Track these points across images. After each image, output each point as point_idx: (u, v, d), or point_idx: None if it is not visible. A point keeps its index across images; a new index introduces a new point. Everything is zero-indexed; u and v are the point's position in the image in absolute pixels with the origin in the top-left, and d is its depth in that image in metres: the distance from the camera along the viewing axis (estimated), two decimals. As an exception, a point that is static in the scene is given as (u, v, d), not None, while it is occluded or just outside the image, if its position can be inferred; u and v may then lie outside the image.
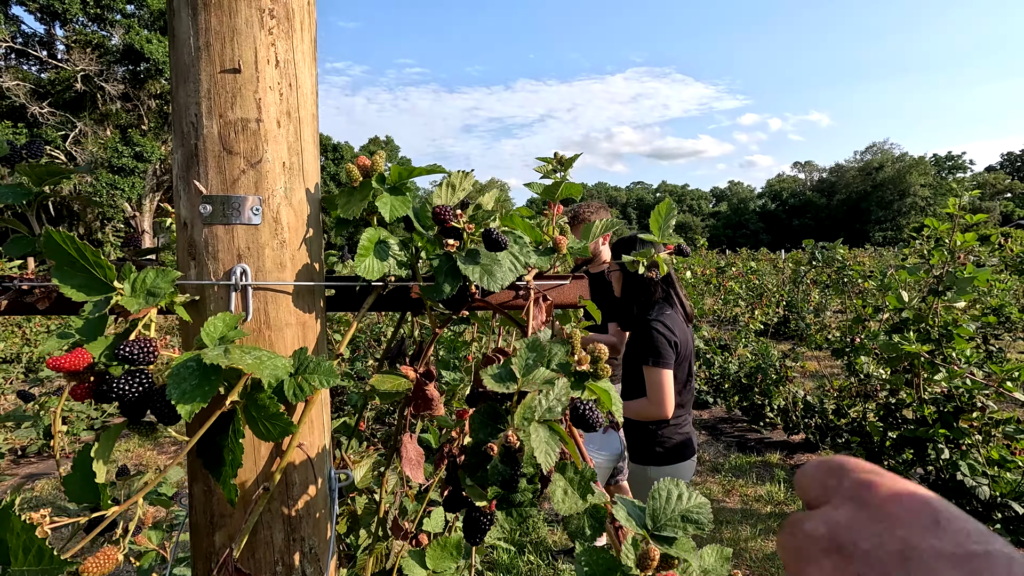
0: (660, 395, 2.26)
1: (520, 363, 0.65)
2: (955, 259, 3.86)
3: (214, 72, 0.74)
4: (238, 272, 0.75)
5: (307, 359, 0.75)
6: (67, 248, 0.64)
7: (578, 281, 1.08)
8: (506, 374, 0.65)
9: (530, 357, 0.66)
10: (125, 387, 0.64)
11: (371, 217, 0.84)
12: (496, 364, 0.67)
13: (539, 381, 0.62)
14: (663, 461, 2.37)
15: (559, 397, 0.62)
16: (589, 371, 0.67)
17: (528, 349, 0.66)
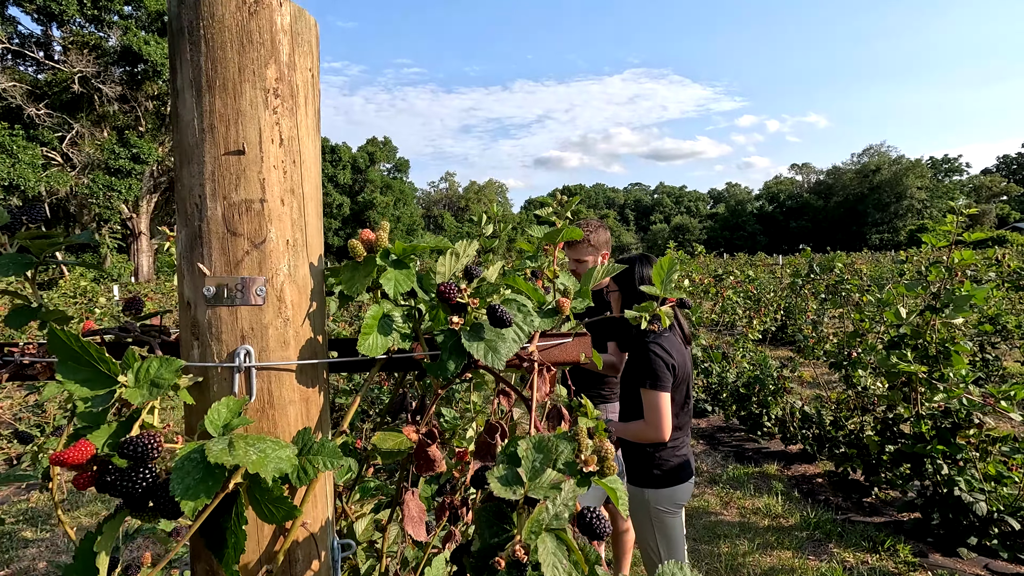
0: (658, 418, 2.27)
1: (526, 465, 0.65)
2: (953, 276, 3.87)
3: (218, 154, 0.74)
4: (242, 354, 0.75)
5: (310, 441, 0.75)
6: (71, 344, 0.63)
7: (580, 338, 1.08)
8: (512, 477, 0.65)
9: (536, 458, 0.65)
10: (128, 483, 0.63)
11: (375, 292, 0.84)
12: (502, 465, 0.66)
13: (546, 486, 0.62)
14: (661, 484, 2.38)
15: (566, 502, 0.62)
16: (595, 471, 0.67)
17: (535, 450, 0.66)
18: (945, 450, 3.87)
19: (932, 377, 3.88)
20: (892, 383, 4.15)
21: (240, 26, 0.75)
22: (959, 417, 3.86)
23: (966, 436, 3.85)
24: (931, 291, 3.96)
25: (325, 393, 0.86)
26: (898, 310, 4.03)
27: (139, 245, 31.84)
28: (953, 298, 3.80)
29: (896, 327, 4.15)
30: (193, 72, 0.74)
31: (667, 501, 2.38)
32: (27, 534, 4.60)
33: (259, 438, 0.68)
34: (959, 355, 3.81)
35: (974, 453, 3.85)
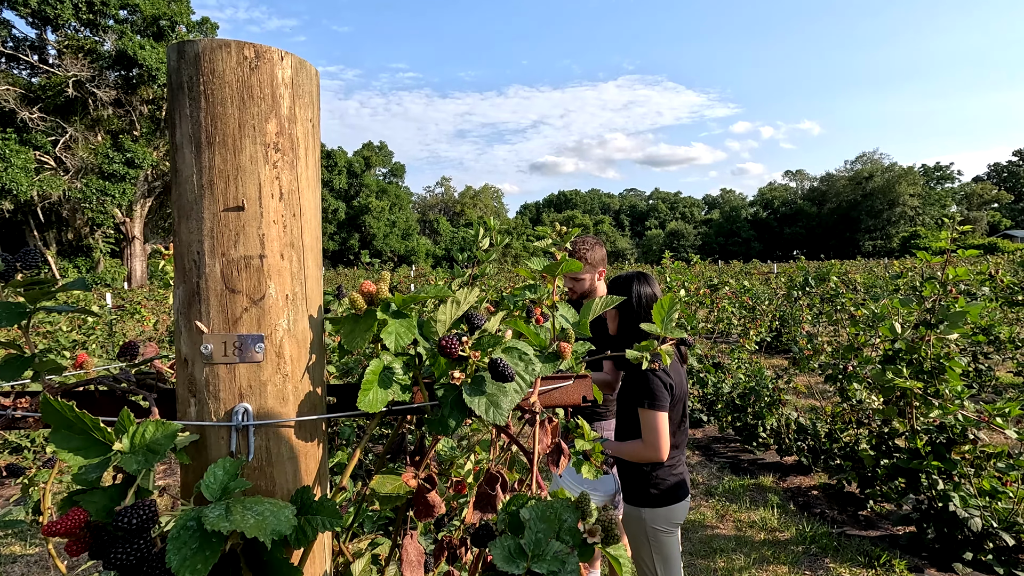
0: (655, 437, 2.27)
1: (529, 537, 0.64)
2: (947, 292, 3.90)
3: (217, 211, 0.73)
4: (240, 412, 0.74)
5: (310, 500, 0.74)
6: (64, 413, 0.62)
7: (581, 380, 1.07)
8: (515, 550, 0.64)
9: (540, 529, 0.65)
10: (123, 556, 0.62)
11: (375, 345, 0.83)
12: (506, 535, 0.66)
13: (549, 559, 0.61)
14: (658, 503, 2.37)
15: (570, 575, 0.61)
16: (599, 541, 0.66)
17: (539, 519, 0.65)
18: (940, 465, 3.88)
19: (927, 393, 3.90)
20: (888, 398, 4.16)
21: (241, 81, 0.74)
22: (954, 433, 3.87)
23: (961, 452, 3.86)
24: (925, 307, 3.98)
25: (324, 445, 0.85)
26: (893, 325, 4.05)
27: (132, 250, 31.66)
28: (948, 314, 3.83)
29: (891, 342, 4.17)
30: (192, 128, 0.73)
31: (664, 521, 2.38)
32: (15, 548, 4.54)
33: (257, 500, 0.66)
34: (954, 371, 3.83)
35: (969, 469, 3.86)
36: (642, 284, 2.54)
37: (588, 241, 3.24)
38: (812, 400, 7.02)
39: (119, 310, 10.12)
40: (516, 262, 42.11)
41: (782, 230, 72.47)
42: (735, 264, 21.15)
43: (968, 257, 3.73)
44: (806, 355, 5.77)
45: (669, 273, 6.75)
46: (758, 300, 8.41)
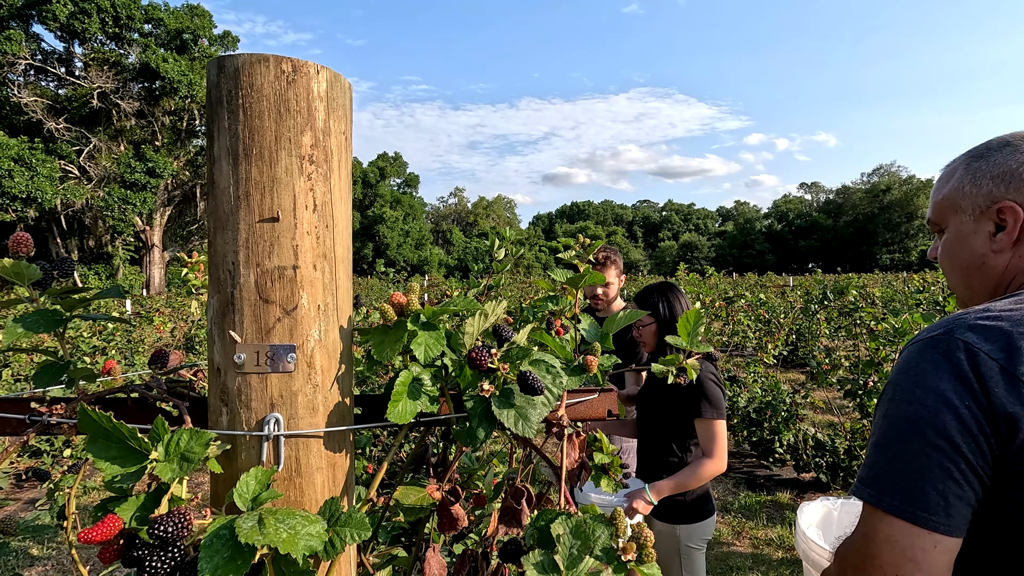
0: (721, 448, 2.18)
1: (563, 552, 0.63)
2: (971, 307, 3.81)
3: (252, 222, 0.74)
4: (271, 422, 0.74)
5: (338, 512, 0.74)
6: (101, 423, 0.63)
7: (607, 394, 1.06)
8: (549, 565, 0.63)
9: (574, 545, 0.64)
10: (156, 563, 0.62)
11: (405, 356, 0.83)
12: (538, 551, 0.65)
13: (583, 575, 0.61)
14: (693, 518, 2.31)
15: (605, 595, 0.60)
16: (633, 558, 0.65)
17: (572, 535, 0.65)
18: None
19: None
20: (909, 415, 4.07)
21: (278, 95, 0.75)
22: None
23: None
24: (949, 322, 3.90)
25: (351, 456, 0.85)
26: (915, 340, 3.97)
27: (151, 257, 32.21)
28: (972, 330, 3.74)
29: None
30: (230, 141, 0.74)
31: (697, 537, 2.33)
32: (34, 551, 4.59)
33: (289, 512, 0.66)
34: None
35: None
36: (673, 295, 2.48)
37: (608, 249, 3.24)
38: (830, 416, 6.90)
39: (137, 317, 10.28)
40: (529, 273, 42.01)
41: (797, 243, 71.78)
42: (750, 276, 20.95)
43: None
44: (824, 369, 5.68)
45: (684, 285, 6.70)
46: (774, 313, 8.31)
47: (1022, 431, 0.67)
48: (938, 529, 0.69)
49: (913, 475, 0.71)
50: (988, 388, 0.69)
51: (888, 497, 0.72)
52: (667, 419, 2.33)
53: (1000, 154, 0.88)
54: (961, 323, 0.76)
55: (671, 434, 2.33)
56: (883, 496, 0.73)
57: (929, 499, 0.70)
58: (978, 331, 0.73)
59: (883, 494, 0.73)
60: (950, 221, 0.94)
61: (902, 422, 0.74)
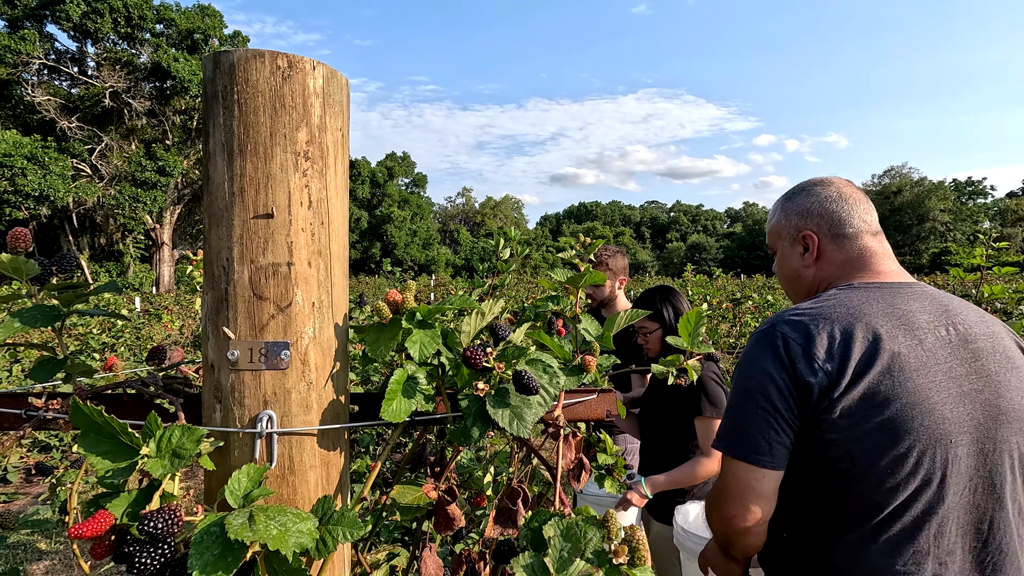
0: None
1: (553, 554, 0.62)
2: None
3: (247, 218, 0.74)
4: (264, 420, 0.74)
5: (330, 510, 0.73)
6: (93, 417, 0.63)
7: (605, 395, 1.05)
8: (539, 568, 0.62)
9: (564, 547, 0.63)
10: (146, 559, 0.62)
11: (400, 355, 0.83)
12: (528, 553, 0.64)
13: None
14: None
15: (595, 599, 0.59)
16: (625, 561, 0.64)
17: (563, 537, 0.64)
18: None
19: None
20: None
21: (273, 91, 0.75)
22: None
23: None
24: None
25: (346, 455, 0.85)
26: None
27: (161, 255, 32.49)
28: (982, 333, 3.69)
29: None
30: (225, 136, 0.74)
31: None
32: (41, 545, 4.63)
33: (280, 510, 0.66)
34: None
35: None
36: (677, 299, 2.47)
37: (610, 249, 3.21)
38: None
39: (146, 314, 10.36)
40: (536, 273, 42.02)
41: (807, 244, 71.12)
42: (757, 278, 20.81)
43: (1004, 275, 3.60)
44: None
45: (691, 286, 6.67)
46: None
47: (814, 394, 0.96)
48: (766, 465, 0.99)
49: (749, 429, 1.00)
50: (794, 364, 0.98)
51: (733, 447, 1.02)
52: (669, 419, 2.32)
53: (800, 196, 1.23)
54: (780, 319, 1.05)
55: (672, 434, 2.31)
56: (730, 446, 1.02)
57: (760, 445, 0.98)
58: (789, 324, 1.03)
59: (730, 445, 1.02)
60: (777, 246, 1.29)
61: (742, 393, 1.03)
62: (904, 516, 0.95)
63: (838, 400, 0.95)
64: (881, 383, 0.95)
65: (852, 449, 0.95)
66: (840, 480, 0.97)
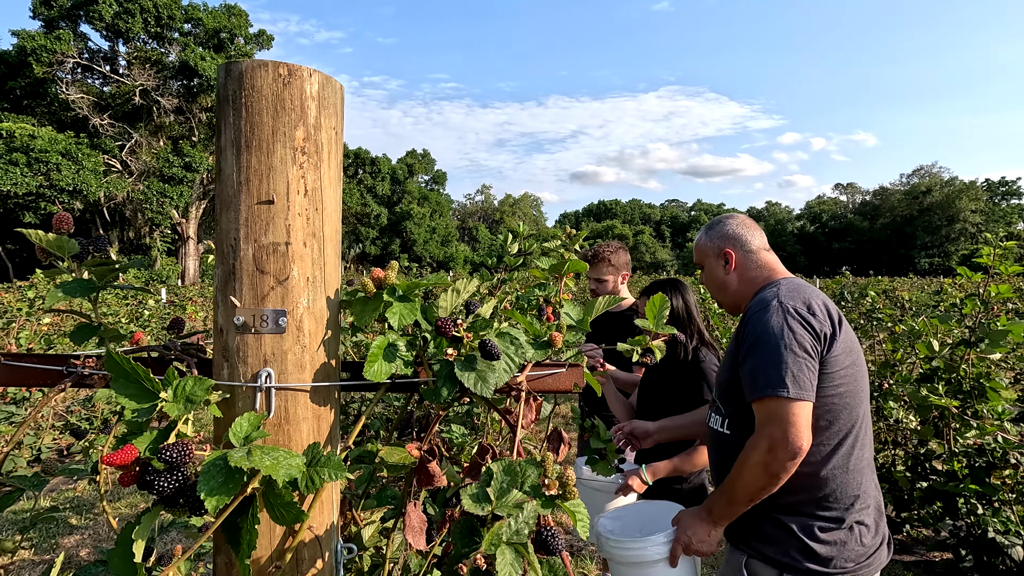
0: None
1: (495, 486, 0.74)
2: (989, 310, 3.77)
3: (252, 204, 0.87)
4: (263, 376, 0.87)
5: (319, 454, 0.86)
6: (123, 365, 0.76)
7: (574, 369, 1.16)
8: (482, 495, 0.74)
9: (505, 480, 0.74)
10: (164, 483, 0.75)
11: (382, 324, 0.95)
12: (474, 484, 0.76)
13: (510, 505, 0.71)
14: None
15: (527, 520, 0.70)
16: (558, 494, 0.75)
17: (504, 472, 0.75)
18: (978, 490, 3.73)
19: (965, 413, 3.77)
20: (924, 417, 4.04)
21: (275, 95, 0.87)
22: (994, 456, 3.73)
23: (1001, 476, 3.71)
24: (966, 324, 3.85)
25: (336, 411, 0.97)
26: (930, 342, 3.94)
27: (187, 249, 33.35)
28: (989, 332, 3.70)
29: (929, 360, 4.05)
30: (234, 134, 0.87)
31: None
32: (73, 521, 4.90)
33: (273, 448, 0.79)
34: (994, 391, 3.69)
35: (1010, 495, 3.70)
36: (679, 287, 2.54)
37: (612, 245, 3.31)
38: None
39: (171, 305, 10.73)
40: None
41: (830, 245, 69.90)
42: (777, 278, 20.52)
43: (1011, 274, 3.60)
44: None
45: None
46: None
47: (826, 340, 1.36)
48: (811, 399, 1.31)
49: (798, 374, 1.30)
50: (810, 323, 1.36)
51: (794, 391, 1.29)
52: (667, 406, 2.38)
53: (719, 225, 1.70)
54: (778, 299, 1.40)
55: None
56: (791, 391, 1.29)
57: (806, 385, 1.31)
58: (790, 299, 1.40)
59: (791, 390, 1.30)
60: (704, 262, 1.71)
61: (781, 349, 1.33)
62: (864, 422, 1.42)
63: (834, 343, 1.35)
64: (847, 335, 1.41)
65: (844, 376, 1.36)
66: (835, 399, 1.36)
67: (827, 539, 1.34)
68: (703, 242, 1.70)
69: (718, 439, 1.56)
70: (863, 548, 1.37)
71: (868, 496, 1.42)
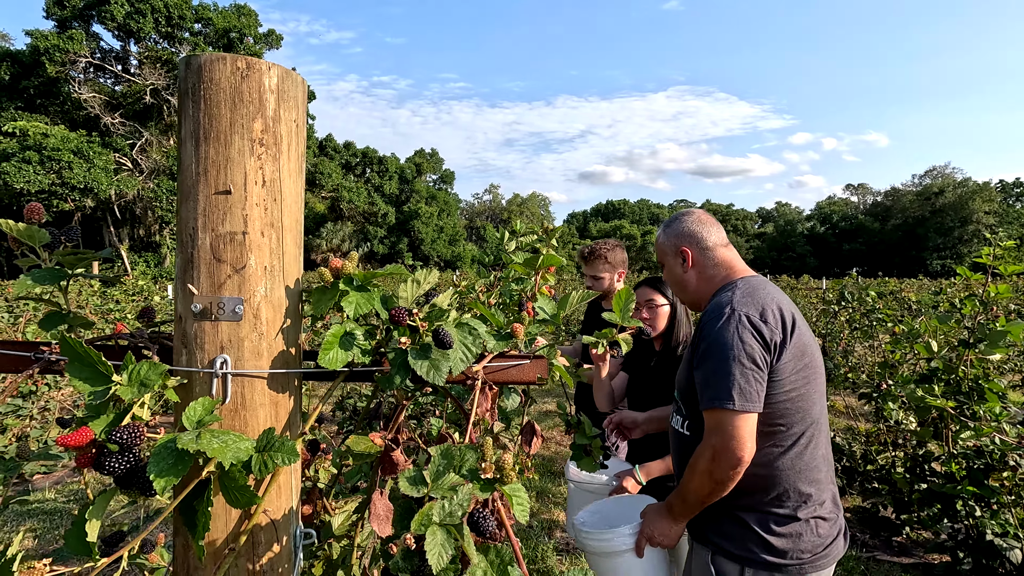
0: None
1: (432, 468, 0.75)
2: (988, 310, 3.73)
3: (209, 194, 0.89)
4: (219, 362, 0.88)
5: (272, 439, 0.88)
6: (77, 349, 0.78)
7: (538, 361, 1.17)
8: (418, 478, 0.75)
9: (442, 463, 0.76)
10: (115, 464, 0.77)
11: (340, 314, 0.97)
12: (412, 468, 0.77)
13: (445, 487, 0.72)
14: None
15: (461, 503, 0.72)
16: (495, 477, 0.76)
17: (441, 456, 0.76)
18: (977, 492, 3.70)
19: (963, 414, 3.73)
20: (922, 419, 4.01)
21: (233, 87, 0.89)
22: (992, 458, 3.69)
23: (1000, 478, 3.67)
24: (965, 325, 3.82)
25: (296, 398, 0.99)
26: (929, 343, 3.91)
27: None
28: (988, 333, 3.66)
29: (928, 360, 4.02)
30: (193, 125, 0.89)
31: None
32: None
33: (224, 432, 0.81)
34: (992, 392, 3.66)
35: (1008, 497, 3.66)
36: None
37: (609, 243, 3.30)
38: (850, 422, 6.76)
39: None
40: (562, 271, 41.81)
41: (840, 246, 69.27)
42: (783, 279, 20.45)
43: (1011, 274, 3.57)
44: (844, 372, 5.57)
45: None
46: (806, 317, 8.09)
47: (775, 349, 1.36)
48: (757, 410, 1.33)
49: (745, 387, 1.31)
50: (761, 332, 1.36)
51: (740, 404, 1.31)
52: (658, 399, 2.37)
53: (675, 223, 1.67)
54: (733, 305, 1.39)
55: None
56: (737, 404, 1.31)
57: (754, 396, 1.32)
58: (744, 307, 1.39)
59: (736, 403, 1.31)
60: (664, 260, 1.68)
61: (730, 361, 1.33)
62: (819, 423, 1.45)
63: (784, 351, 1.36)
64: (800, 339, 1.40)
65: (795, 381, 1.37)
66: (787, 404, 1.37)
67: (783, 532, 1.37)
68: (661, 240, 1.68)
69: (678, 439, 1.58)
70: (819, 539, 1.39)
71: (824, 491, 1.43)
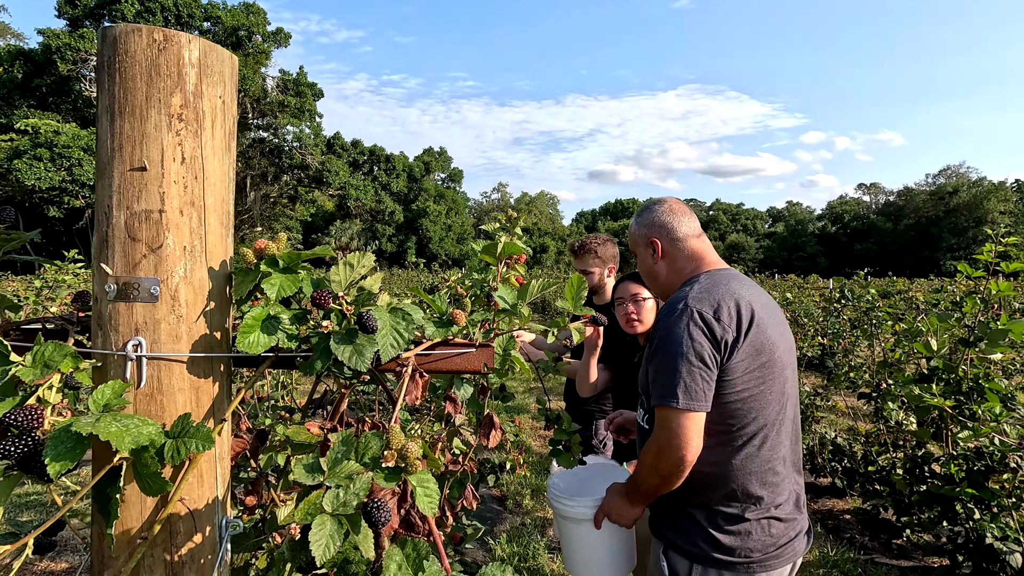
0: None
1: (330, 456, 0.72)
2: (989, 308, 3.64)
3: (124, 170, 0.86)
4: (132, 344, 0.85)
5: (187, 425, 0.85)
6: (-26, 328, 0.76)
7: (484, 349, 1.13)
8: (315, 466, 0.72)
9: (340, 451, 0.72)
10: (11, 448, 0.75)
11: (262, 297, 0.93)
12: (312, 455, 0.74)
13: (341, 475, 0.69)
14: None
15: (357, 492, 0.68)
16: (399, 467, 0.73)
17: (341, 443, 0.73)
18: (976, 494, 3.61)
19: (962, 414, 3.65)
20: (921, 419, 3.92)
21: (149, 60, 0.86)
22: (992, 460, 3.60)
23: (999, 480, 3.58)
24: (965, 323, 3.73)
25: (221, 384, 0.96)
26: (928, 342, 3.82)
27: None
28: (988, 332, 3.57)
29: (927, 360, 3.93)
30: (108, 99, 0.86)
31: None
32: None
33: (127, 416, 0.78)
34: (992, 392, 3.57)
35: (1008, 500, 3.57)
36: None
37: (600, 237, 3.25)
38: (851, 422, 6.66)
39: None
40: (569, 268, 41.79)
41: (852, 246, 68.51)
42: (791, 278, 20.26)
43: (1012, 271, 3.48)
44: (845, 371, 5.48)
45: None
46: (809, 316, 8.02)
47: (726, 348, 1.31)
48: (704, 409, 1.30)
49: (692, 386, 1.29)
50: (712, 330, 1.32)
51: (685, 403, 1.29)
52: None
53: (646, 213, 1.62)
54: (687, 301, 1.36)
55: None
56: (682, 403, 1.29)
57: (700, 396, 1.30)
58: (697, 302, 1.35)
59: (682, 402, 1.29)
60: (636, 251, 1.64)
61: (679, 358, 1.30)
62: (776, 424, 1.37)
63: (736, 350, 1.31)
64: (758, 338, 1.34)
65: (748, 381, 1.32)
66: (738, 404, 1.33)
67: (732, 530, 1.34)
68: (632, 229, 1.64)
69: (641, 432, 1.56)
70: (770, 539, 1.35)
71: (780, 493, 1.38)
